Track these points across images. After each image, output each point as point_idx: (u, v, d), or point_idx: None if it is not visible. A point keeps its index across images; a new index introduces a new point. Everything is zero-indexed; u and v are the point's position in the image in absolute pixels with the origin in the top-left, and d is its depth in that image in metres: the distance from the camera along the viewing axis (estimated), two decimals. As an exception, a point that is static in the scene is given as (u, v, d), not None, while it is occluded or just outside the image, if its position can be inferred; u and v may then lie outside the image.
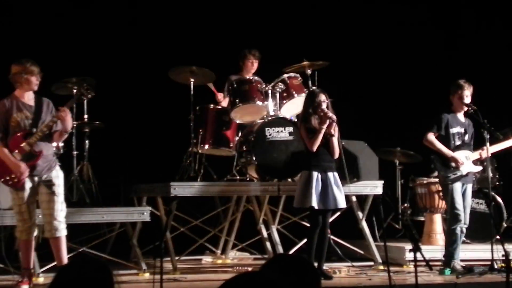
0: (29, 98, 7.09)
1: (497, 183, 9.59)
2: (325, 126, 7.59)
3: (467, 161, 8.04)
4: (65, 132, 7.10)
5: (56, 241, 7.03)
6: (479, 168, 8.32)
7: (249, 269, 8.46)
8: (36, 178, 7.02)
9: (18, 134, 6.95)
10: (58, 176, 7.12)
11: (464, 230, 8.12)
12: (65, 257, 7.05)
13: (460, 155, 8.03)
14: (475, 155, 8.12)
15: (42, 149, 6.98)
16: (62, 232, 7.04)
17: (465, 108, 8.10)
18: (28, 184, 6.99)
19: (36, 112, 7.04)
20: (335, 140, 7.65)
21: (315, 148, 7.61)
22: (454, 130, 8.11)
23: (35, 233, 7.17)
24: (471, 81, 8.22)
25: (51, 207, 7.00)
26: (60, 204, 7.05)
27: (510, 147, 8.37)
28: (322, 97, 7.71)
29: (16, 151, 6.94)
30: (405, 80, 11.15)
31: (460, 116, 8.20)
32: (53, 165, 7.11)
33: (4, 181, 7.01)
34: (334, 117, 7.60)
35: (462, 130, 8.14)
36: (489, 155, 8.16)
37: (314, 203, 7.54)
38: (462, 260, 8.18)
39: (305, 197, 7.59)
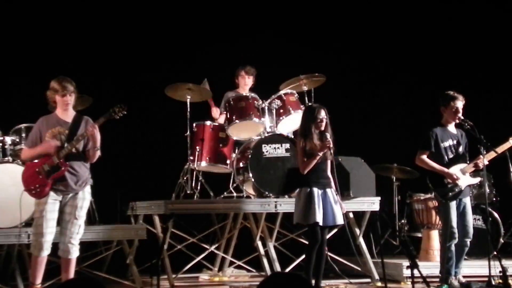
0: (67, 115, 7.15)
1: (494, 199, 9.58)
2: (321, 153, 7.54)
3: (463, 175, 7.97)
4: (95, 148, 7.11)
5: (67, 262, 7.06)
6: (477, 179, 8.26)
7: (246, 285, 8.44)
8: (60, 194, 7.01)
9: (58, 144, 6.98)
10: (84, 198, 7.12)
11: (468, 244, 8.03)
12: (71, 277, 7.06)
13: (454, 170, 7.96)
14: (471, 167, 8.03)
15: (72, 165, 6.99)
16: (74, 254, 7.08)
17: (458, 121, 8.01)
18: (51, 199, 6.98)
19: (72, 128, 7.08)
20: (316, 159, 7.59)
21: (305, 172, 7.57)
22: (446, 144, 8.02)
23: (48, 251, 7.10)
24: (465, 92, 8.17)
25: (69, 228, 7.02)
26: (78, 227, 7.07)
27: (503, 152, 8.26)
28: (322, 113, 7.63)
29: (47, 163, 6.96)
30: (402, 96, 11.18)
31: (451, 128, 8.10)
32: (84, 185, 7.11)
33: (29, 190, 7.01)
34: (330, 145, 7.54)
35: (455, 142, 8.05)
36: (486, 164, 8.03)
37: (319, 219, 7.47)
38: (464, 276, 8.14)
39: (309, 213, 7.50)
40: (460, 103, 7.98)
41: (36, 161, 7.06)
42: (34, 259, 7.08)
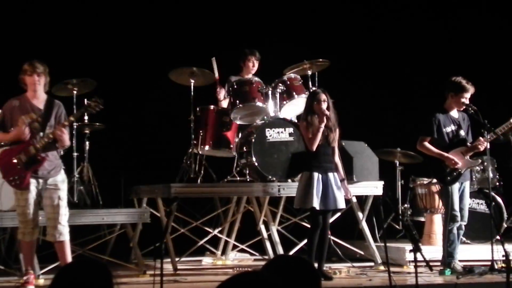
0: (38, 100, 7.09)
1: (497, 184, 9.58)
2: (323, 125, 7.62)
3: (462, 158, 7.97)
4: (63, 147, 7.16)
5: (60, 245, 7.05)
6: (477, 162, 8.25)
7: (250, 270, 8.45)
8: (41, 181, 7.02)
9: (30, 133, 6.95)
10: (63, 180, 7.14)
11: (463, 227, 8.09)
12: (69, 260, 7.05)
13: (454, 154, 7.96)
14: (471, 149, 8.01)
15: (47, 154, 6.99)
16: (66, 236, 7.06)
17: (462, 108, 8.02)
18: (32, 186, 6.99)
19: (45, 115, 7.04)
20: (320, 133, 7.64)
21: (314, 147, 7.63)
22: (448, 129, 8.03)
23: (37, 235, 7.17)
24: (468, 76, 8.15)
25: (55, 211, 7.01)
26: (64, 208, 7.06)
27: (505, 133, 8.23)
28: (322, 96, 7.74)
29: (23, 152, 6.94)
30: (406, 80, 11.16)
31: (453, 112, 8.10)
32: (58, 168, 7.12)
33: (8, 181, 7.02)
34: (327, 112, 7.62)
35: (456, 127, 8.06)
36: (488, 142, 8.02)
37: (316, 204, 7.55)
38: (462, 261, 8.17)
39: (306, 197, 7.61)
40: (468, 94, 7.97)
41: (11, 147, 7.02)
42: (25, 244, 7.11)
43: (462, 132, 8.07)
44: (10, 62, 8.23)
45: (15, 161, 6.96)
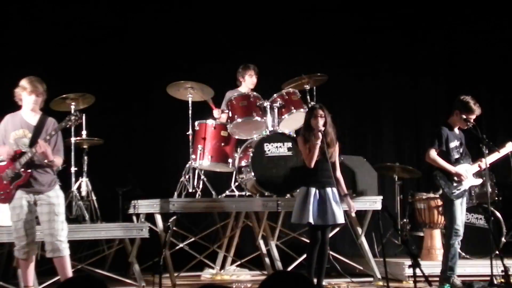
0: (31, 116, 7.03)
1: (496, 198, 9.57)
2: (319, 141, 7.58)
3: (468, 175, 8.00)
4: (50, 162, 6.94)
5: (59, 261, 6.96)
6: (480, 180, 8.28)
7: (248, 285, 8.44)
8: (32, 196, 6.97)
9: (13, 153, 6.92)
10: (57, 196, 7.04)
11: (460, 242, 8.07)
12: (70, 276, 6.98)
13: (462, 169, 7.98)
14: (475, 167, 8.06)
15: (35, 170, 6.93)
16: (64, 251, 6.96)
17: (465, 127, 8.04)
18: (24, 201, 6.93)
19: (36, 131, 6.97)
20: (316, 149, 7.63)
21: (312, 164, 7.60)
22: (452, 144, 8.06)
23: (35, 252, 7.09)
24: (470, 92, 8.19)
25: (51, 227, 6.92)
26: (60, 223, 6.97)
27: (505, 156, 8.29)
28: (319, 112, 7.69)
29: (10, 168, 6.93)
30: (404, 95, 11.18)
31: (456, 129, 8.16)
32: (51, 184, 7.05)
33: None
34: (321, 128, 7.60)
35: (458, 143, 8.11)
36: (488, 166, 8.07)
37: (311, 219, 7.51)
38: (461, 276, 8.15)
39: (303, 213, 7.57)
40: (474, 116, 7.98)
41: (1, 164, 7.01)
42: (22, 263, 7.06)
43: (463, 149, 8.10)
44: (8, 76, 8.24)
45: (2, 175, 6.95)
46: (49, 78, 7.22)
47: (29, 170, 6.90)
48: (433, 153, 7.97)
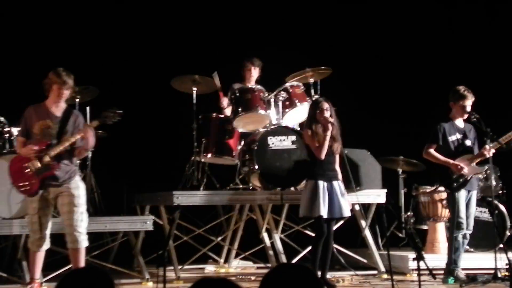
0: (57, 108, 7.07)
1: (500, 192, 9.57)
2: (329, 133, 7.61)
3: (469, 165, 7.99)
4: (85, 150, 7.13)
5: (76, 252, 7.01)
6: (483, 168, 8.28)
7: (252, 278, 8.45)
8: (52, 189, 6.98)
9: (40, 144, 6.93)
10: (78, 187, 7.08)
11: (468, 236, 8.08)
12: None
13: (460, 161, 7.99)
14: (478, 156, 8.05)
15: (62, 162, 6.96)
16: (83, 243, 7.03)
17: (465, 116, 8.08)
18: (43, 195, 6.95)
19: (62, 123, 7.02)
20: (327, 141, 7.65)
21: (323, 156, 7.62)
22: (453, 137, 8.09)
23: (47, 246, 7.12)
24: (473, 86, 8.19)
25: (71, 218, 6.97)
26: (80, 215, 7.02)
27: (508, 142, 8.27)
28: (325, 105, 7.75)
29: (37, 159, 6.93)
30: (409, 88, 11.15)
31: (459, 122, 8.16)
32: (72, 175, 7.07)
33: (17, 187, 7.00)
34: (332, 120, 7.63)
35: (461, 136, 8.11)
36: (494, 151, 8.05)
37: (323, 212, 7.52)
38: (465, 269, 8.16)
39: (313, 206, 7.57)
40: (468, 102, 8.03)
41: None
42: (32, 254, 7.08)
43: (468, 142, 8.12)
44: (13, 69, 8.29)
45: (26, 169, 6.94)
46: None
47: (57, 162, 6.92)
48: (429, 149, 8.02)
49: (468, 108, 8.06)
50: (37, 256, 7.08)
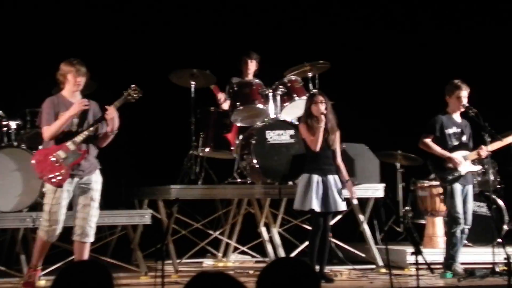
0: (76, 98, 7.08)
1: (498, 186, 9.57)
2: (322, 124, 7.61)
3: (465, 161, 8.01)
4: (111, 133, 7.09)
5: (82, 246, 7.02)
6: (478, 167, 8.30)
7: (251, 272, 8.46)
8: (75, 179, 6.97)
9: (65, 132, 6.93)
10: (97, 181, 7.11)
11: (467, 231, 8.09)
12: None
13: (457, 155, 8.01)
14: (473, 154, 8.07)
15: (88, 149, 6.98)
16: (91, 238, 7.05)
17: (462, 109, 8.08)
18: (66, 186, 6.94)
19: (83, 112, 7.02)
20: (321, 132, 7.65)
21: (318, 147, 7.63)
22: (450, 131, 8.10)
23: (57, 237, 7.10)
24: (472, 81, 8.20)
25: (86, 211, 6.99)
26: (95, 209, 7.04)
27: (508, 145, 8.31)
28: (319, 98, 7.77)
29: (61, 150, 6.92)
30: (407, 83, 11.15)
31: (456, 116, 8.18)
32: (94, 168, 7.10)
33: (48, 179, 6.93)
34: (324, 112, 7.62)
35: (459, 131, 8.12)
36: (490, 152, 8.09)
37: (315, 206, 7.55)
38: (463, 263, 8.17)
39: (305, 199, 7.61)
40: (463, 92, 8.05)
41: (45, 148, 7.01)
42: (42, 243, 7.03)
43: (464, 137, 8.13)
44: (10, 64, 8.28)
45: (53, 159, 6.92)
46: (50, 64, 7.22)
47: (85, 148, 6.91)
48: (425, 139, 8.04)
49: (464, 100, 8.05)
50: (46, 246, 7.05)
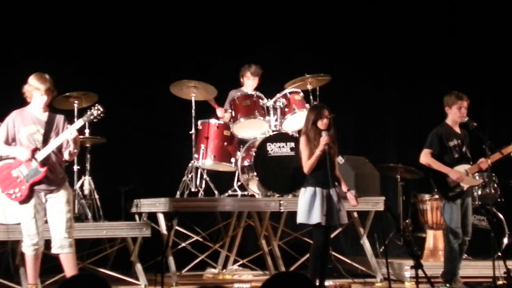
0: (41, 112, 7.07)
1: (499, 200, 9.56)
2: (320, 152, 7.47)
3: (467, 175, 7.97)
4: (75, 151, 7.09)
5: (65, 257, 7.01)
6: (480, 181, 8.27)
7: (250, 285, 8.43)
8: (42, 193, 6.99)
9: (31, 152, 6.91)
10: (67, 193, 7.09)
11: (467, 243, 8.04)
12: (75, 273, 6.99)
13: (460, 169, 7.96)
14: (475, 168, 8.03)
15: (50, 167, 6.96)
16: (69, 249, 7.00)
17: (463, 120, 8.03)
18: (35, 200, 6.95)
19: (47, 128, 7.01)
20: (316, 156, 7.55)
21: (308, 171, 7.51)
22: (451, 143, 8.01)
23: (42, 248, 7.10)
24: (472, 90, 8.19)
25: (60, 224, 6.97)
26: (68, 220, 7.01)
27: (508, 156, 8.27)
28: (326, 112, 7.61)
29: (24, 165, 6.93)
30: (407, 96, 11.16)
31: (456, 128, 8.13)
32: (61, 180, 7.09)
33: (8, 194, 6.98)
34: (327, 141, 7.50)
35: (459, 142, 8.06)
36: (490, 165, 8.05)
37: (321, 220, 7.47)
38: (463, 277, 8.15)
39: (311, 213, 7.50)
40: (464, 104, 8.00)
41: (9, 161, 7.01)
42: (30, 259, 7.03)
43: (464, 148, 8.08)
44: (12, 73, 8.26)
45: (15, 174, 6.95)
46: (52, 76, 7.22)
47: (45, 167, 6.91)
48: (426, 156, 7.96)
49: (464, 111, 8.01)
50: (35, 261, 7.05)
